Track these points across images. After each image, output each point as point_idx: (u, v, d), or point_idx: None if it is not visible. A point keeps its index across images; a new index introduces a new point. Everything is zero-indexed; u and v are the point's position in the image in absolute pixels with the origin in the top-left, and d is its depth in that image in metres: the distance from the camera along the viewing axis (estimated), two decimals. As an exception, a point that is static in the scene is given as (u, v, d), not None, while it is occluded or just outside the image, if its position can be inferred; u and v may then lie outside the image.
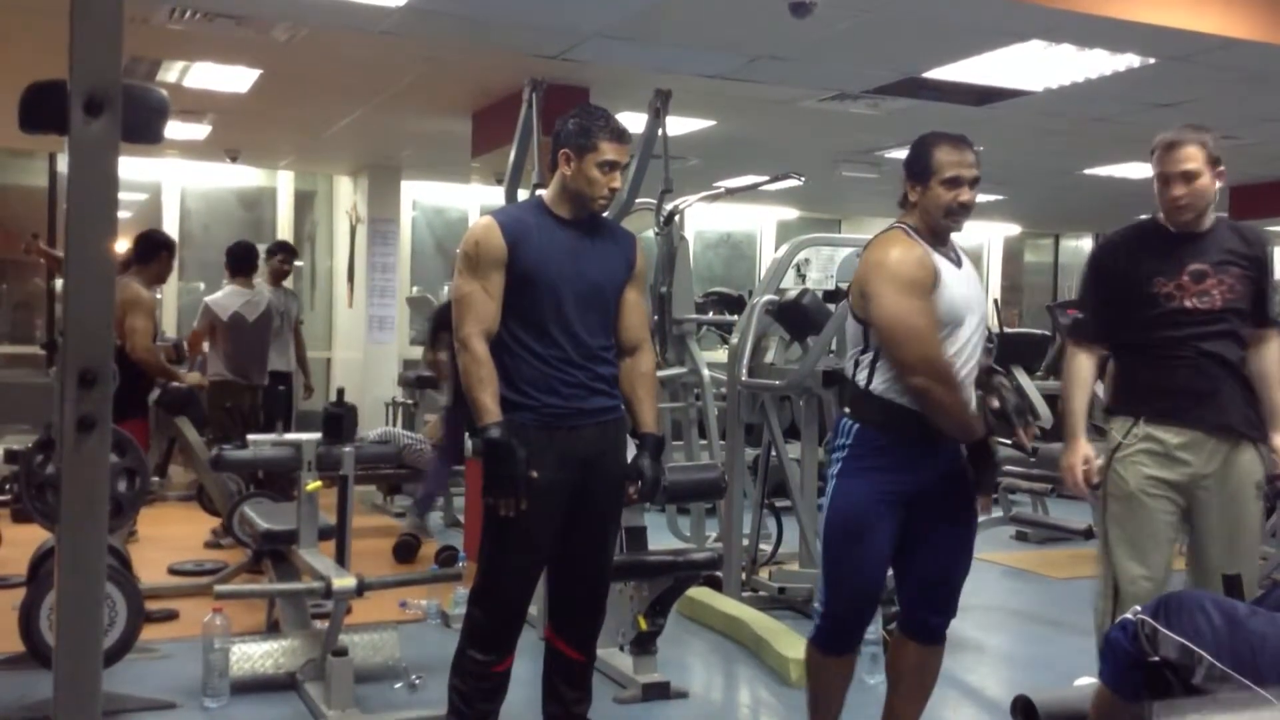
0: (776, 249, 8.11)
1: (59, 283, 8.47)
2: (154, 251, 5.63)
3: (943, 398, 2.76)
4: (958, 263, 2.92)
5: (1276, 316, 3.21)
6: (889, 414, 2.84)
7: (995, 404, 2.89)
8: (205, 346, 6.74)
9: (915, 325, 2.77)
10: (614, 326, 3.06)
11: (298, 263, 10.45)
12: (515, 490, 2.83)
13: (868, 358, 2.88)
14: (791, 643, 4.27)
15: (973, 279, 2.96)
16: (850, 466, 2.88)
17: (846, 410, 2.95)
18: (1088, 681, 2.96)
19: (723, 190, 6.88)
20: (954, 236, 2.98)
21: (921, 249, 2.84)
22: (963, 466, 2.92)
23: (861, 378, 2.88)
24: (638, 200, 5.17)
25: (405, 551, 6.08)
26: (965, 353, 2.86)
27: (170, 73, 6.39)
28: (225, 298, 6.54)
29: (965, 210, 2.87)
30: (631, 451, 3.15)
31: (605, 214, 3.12)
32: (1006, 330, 10.23)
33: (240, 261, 6.67)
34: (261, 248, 7.19)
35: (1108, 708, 2.52)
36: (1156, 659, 2.37)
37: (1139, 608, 2.46)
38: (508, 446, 2.82)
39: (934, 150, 2.87)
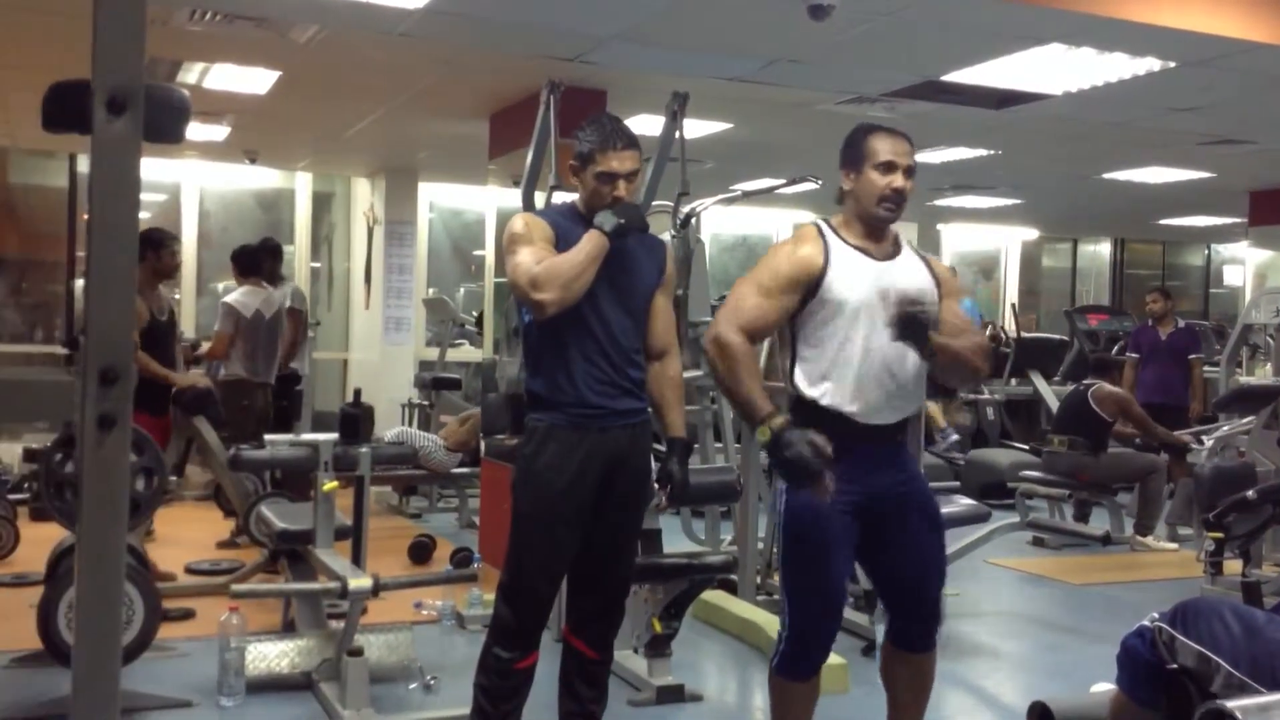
0: (793, 252, 8.08)
1: (79, 283, 8.52)
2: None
3: (730, 373, 2.69)
4: (892, 258, 2.83)
5: None
6: (809, 413, 2.74)
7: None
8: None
9: (738, 302, 2.73)
10: (643, 331, 3.08)
11: (314, 264, 10.54)
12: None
13: (787, 357, 2.83)
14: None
15: (908, 276, 2.82)
16: None
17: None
18: (1105, 688, 2.95)
19: (739, 193, 6.87)
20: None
21: (814, 247, 2.78)
22: (918, 472, 2.91)
23: (784, 368, 2.83)
24: (654, 203, 5.17)
25: (420, 552, 6.09)
26: (862, 351, 2.73)
27: (190, 74, 6.42)
28: (244, 297, 6.54)
29: (897, 197, 2.79)
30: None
31: None
32: (1024, 335, 10.20)
33: (250, 263, 6.69)
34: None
35: (1125, 714, 2.51)
36: (1174, 666, 2.36)
37: (1156, 614, 2.45)
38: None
39: (868, 137, 2.82)
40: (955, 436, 9.18)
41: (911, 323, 2.66)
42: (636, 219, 2.95)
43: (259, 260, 6.74)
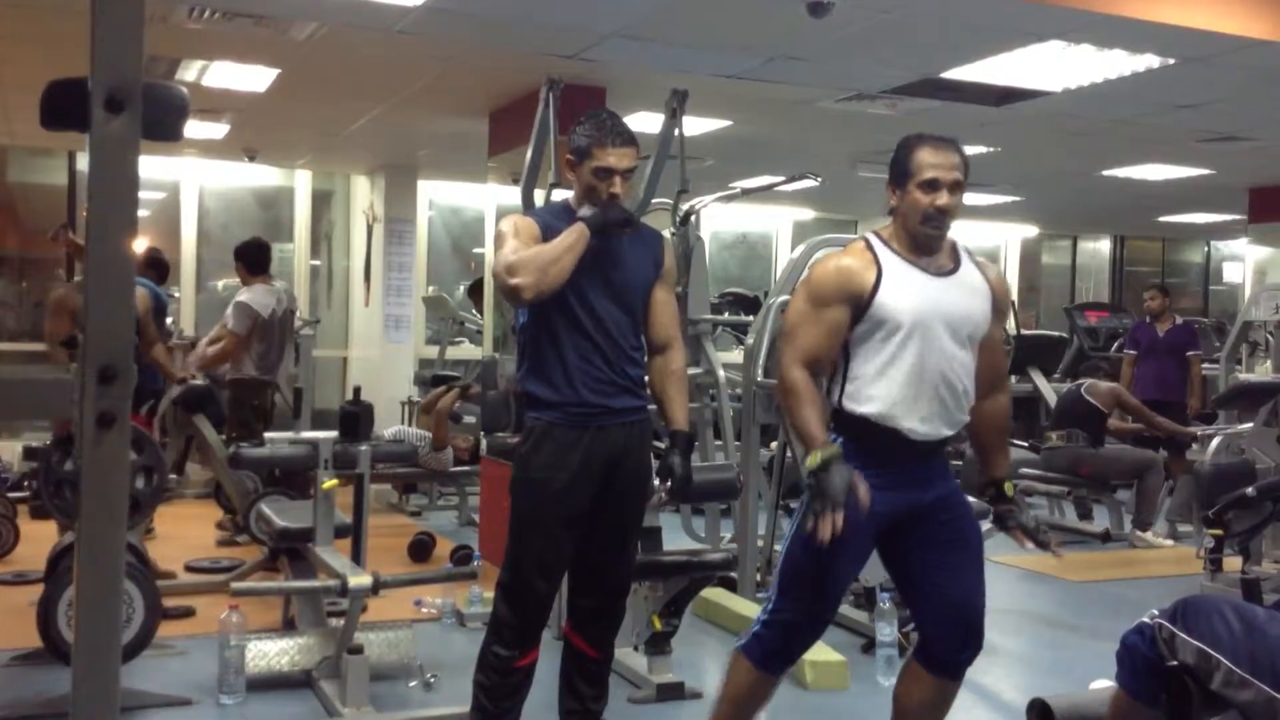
0: (793, 249, 8.09)
1: (78, 279, 8.51)
2: None
3: (790, 409, 2.72)
4: (949, 273, 2.76)
5: None
6: (859, 429, 2.71)
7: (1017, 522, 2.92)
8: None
9: (793, 334, 2.73)
10: (643, 326, 3.07)
11: (314, 262, 10.53)
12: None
13: (839, 370, 2.75)
14: (806, 644, 4.25)
15: (963, 293, 2.76)
16: None
17: (830, 424, 2.75)
18: (1104, 685, 2.94)
19: (739, 190, 6.87)
20: (969, 245, 2.87)
21: (862, 261, 2.71)
22: (958, 486, 2.86)
23: (834, 393, 2.75)
24: (654, 200, 5.17)
25: (420, 550, 6.09)
26: (916, 368, 2.67)
27: (189, 72, 6.41)
28: (262, 296, 6.44)
29: (942, 215, 2.69)
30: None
31: None
32: (1024, 332, 10.20)
33: (259, 259, 6.64)
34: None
35: (1125, 712, 2.51)
36: (1175, 663, 2.35)
37: (1156, 611, 2.45)
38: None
39: (914, 151, 2.72)
40: None
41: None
42: (619, 214, 2.93)
43: (265, 256, 6.70)
